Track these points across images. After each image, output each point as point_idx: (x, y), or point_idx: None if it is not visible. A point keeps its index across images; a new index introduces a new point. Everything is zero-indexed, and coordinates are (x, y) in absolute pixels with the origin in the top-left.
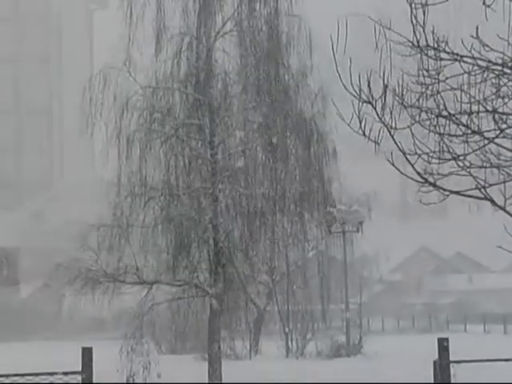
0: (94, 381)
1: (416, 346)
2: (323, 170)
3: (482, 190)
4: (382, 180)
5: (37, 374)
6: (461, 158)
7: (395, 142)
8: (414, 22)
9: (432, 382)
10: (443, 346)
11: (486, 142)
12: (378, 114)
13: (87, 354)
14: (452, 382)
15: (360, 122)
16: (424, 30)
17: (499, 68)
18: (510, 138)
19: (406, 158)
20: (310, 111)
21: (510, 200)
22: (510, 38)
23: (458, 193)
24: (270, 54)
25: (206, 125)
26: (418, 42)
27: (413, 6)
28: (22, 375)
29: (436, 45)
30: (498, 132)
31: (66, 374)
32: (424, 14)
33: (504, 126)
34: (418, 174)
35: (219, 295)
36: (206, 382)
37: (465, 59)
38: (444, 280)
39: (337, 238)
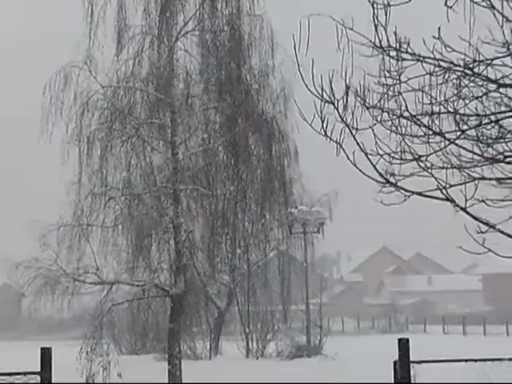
0: (53, 381)
1: (376, 346)
2: (285, 171)
3: (444, 190)
4: (343, 181)
5: None
6: (422, 158)
7: (357, 143)
8: (376, 22)
9: (392, 381)
10: (404, 346)
11: (447, 143)
12: (339, 115)
13: (46, 354)
14: (412, 381)
15: (322, 123)
16: (386, 31)
17: (460, 69)
18: (471, 139)
19: (368, 159)
20: (272, 111)
21: (471, 201)
22: (472, 39)
23: (419, 194)
24: (231, 54)
25: (168, 124)
26: (380, 42)
27: (375, 6)
28: None
29: (398, 46)
30: (458, 133)
31: (25, 374)
32: (386, 14)
33: (465, 127)
34: (380, 174)
35: (179, 295)
36: (166, 381)
37: (427, 60)
38: (404, 281)
39: (298, 239)
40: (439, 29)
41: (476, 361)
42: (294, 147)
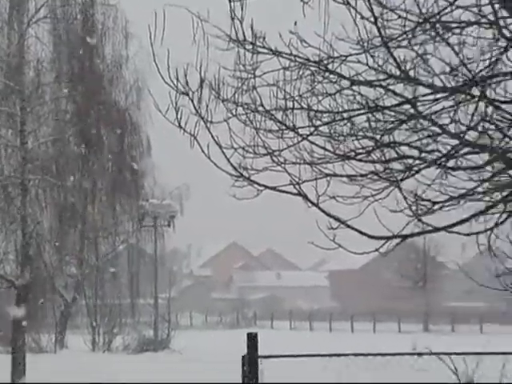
0: None
1: (224, 340)
2: (137, 163)
3: (296, 186)
4: (197, 174)
5: None
6: (275, 153)
7: (212, 136)
8: (233, 16)
9: (240, 375)
10: (252, 340)
11: (300, 138)
12: (194, 107)
13: None
14: (259, 376)
15: (176, 114)
16: (242, 25)
17: (315, 65)
18: (324, 135)
19: (222, 152)
20: (125, 103)
21: (323, 197)
22: (327, 35)
23: (272, 188)
24: (84, 43)
25: (17, 113)
26: (236, 36)
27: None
28: None
29: (254, 40)
30: (312, 129)
31: None
32: (242, 8)
33: (318, 123)
34: (234, 168)
35: (25, 287)
36: (9, 374)
37: (283, 55)
38: (253, 276)
39: (148, 232)
40: (295, 24)
41: (322, 356)
42: (146, 139)
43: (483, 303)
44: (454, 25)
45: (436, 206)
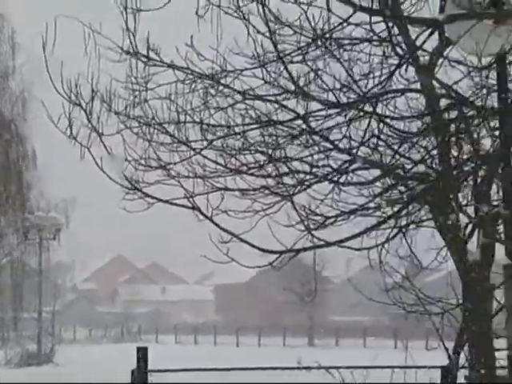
0: None
1: (109, 355)
2: (22, 175)
3: (190, 199)
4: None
5: None
6: (168, 166)
7: (105, 147)
8: (126, 28)
9: None
10: (142, 354)
11: (193, 152)
12: (87, 118)
13: None
14: None
15: (69, 124)
16: (135, 37)
17: (208, 79)
18: (216, 149)
19: (115, 164)
20: (11, 113)
21: (215, 211)
22: (221, 48)
23: (166, 201)
24: None
25: None
26: (130, 48)
27: (123, 11)
28: None
29: (147, 52)
30: (205, 143)
31: None
32: (135, 20)
33: (211, 137)
34: (128, 180)
35: None
36: None
37: (177, 68)
38: (138, 290)
39: (33, 246)
40: (191, 37)
41: (209, 370)
42: (32, 151)
43: (367, 317)
44: (346, 41)
45: (328, 221)
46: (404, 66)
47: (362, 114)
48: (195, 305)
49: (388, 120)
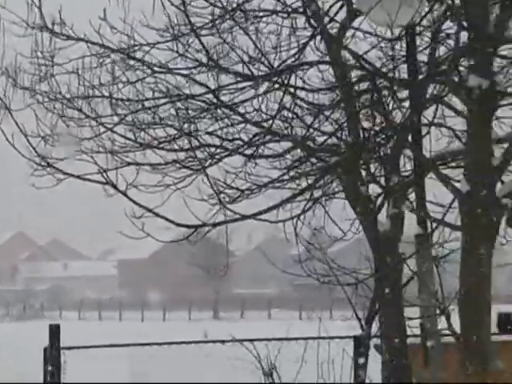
0: None
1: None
2: None
3: (104, 174)
4: None
5: None
6: (79, 141)
7: (16, 124)
8: (30, 1)
9: (43, 367)
10: (54, 332)
11: (104, 129)
12: None
13: None
14: (62, 367)
15: None
16: (41, 11)
17: (117, 54)
18: (127, 124)
19: (27, 140)
20: None
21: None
22: (133, 23)
23: (77, 177)
24: None
25: None
26: (38, 21)
27: None
28: None
29: (52, 26)
30: (115, 118)
31: None
32: None
33: (120, 111)
34: (39, 155)
35: None
36: None
37: (87, 43)
38: (39, 267)
39: None
40: (104, 11)
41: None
42: None
43: (271, 289)
44: (255, 14)
45: (242, 195)
46: (318, 38)
47: (274, 86)
48: (98, 280)
49: (302, 93)
